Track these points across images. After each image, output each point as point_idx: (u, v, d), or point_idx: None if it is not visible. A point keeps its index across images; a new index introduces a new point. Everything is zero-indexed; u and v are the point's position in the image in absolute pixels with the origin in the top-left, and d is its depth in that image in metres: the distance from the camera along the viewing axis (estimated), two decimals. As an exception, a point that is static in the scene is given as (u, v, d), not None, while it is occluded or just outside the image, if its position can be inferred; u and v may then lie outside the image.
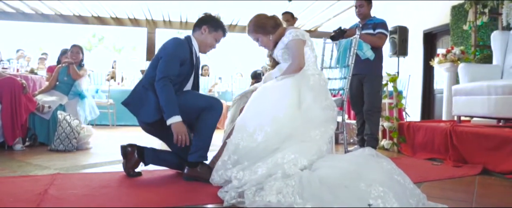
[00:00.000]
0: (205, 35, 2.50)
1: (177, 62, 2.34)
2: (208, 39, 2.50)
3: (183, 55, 2.39)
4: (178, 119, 2.24)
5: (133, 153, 2.40)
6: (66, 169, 2.67)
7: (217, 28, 2.52)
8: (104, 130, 5.86)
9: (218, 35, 2.53)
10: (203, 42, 2.50)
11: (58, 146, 3.54)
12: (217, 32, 2.52)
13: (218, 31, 2.52)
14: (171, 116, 2.24)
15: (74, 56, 4.34)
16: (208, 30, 2.49)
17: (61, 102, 4.05)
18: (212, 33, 2.51)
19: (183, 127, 2.26)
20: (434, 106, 7.28)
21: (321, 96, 2.30)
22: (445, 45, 6.96)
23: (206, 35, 2.50)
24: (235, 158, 2.08)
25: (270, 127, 2.10)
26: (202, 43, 2.51)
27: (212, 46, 2.55)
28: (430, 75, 7.39)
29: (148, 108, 2.34)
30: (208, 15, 2.55)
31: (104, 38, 19.92)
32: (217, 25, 2.52)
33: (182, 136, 2.25)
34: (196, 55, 2.51)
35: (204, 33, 2.49)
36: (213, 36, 2.51)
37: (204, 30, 2.49)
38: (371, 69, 3.52)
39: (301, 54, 2.42)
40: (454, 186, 2.46)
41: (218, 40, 2.56)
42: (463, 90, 3.72)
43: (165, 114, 2.25)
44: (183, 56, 2.39)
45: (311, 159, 2.03)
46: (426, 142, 3.62)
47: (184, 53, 2.40)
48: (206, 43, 2.51)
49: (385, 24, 3.60)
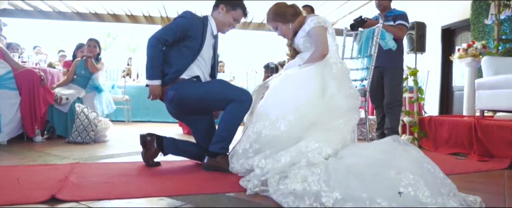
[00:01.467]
0: (222, 14, 2.42)
1: (176, 29, 2.30)
2: (226, 19, 2.43)
3: (187, 26, 2.33)
4: (158, 83, 2.30)
5: (152, 142, 2.37)
6: (85, 159, 2.66)
7: (235, 7, 2.43)
8: (120, 126, 5.87)
9: (237, 14, 2.44)
10: (221, 22, 2.44)
11: (76, 138, 3.54)
12: (236, 11, 2.44)
13: (236, 9, 2.43)
14: (152, 79, 2.29)
15: (91, 50, 4.36)
16: (225, 9, 2.42)
17: (78, 95, 4.06)
18: (230, 12, 2.42)
19: (159, 90, 2.33)
20: (453, 103, 7.13)
21: (345, 84, 2.24)
22: (464, 41, 6.80)
23: (224, 14, 2.42)
24: (257, 147, 2.03)
25: (293, 116, 2.05)
26: (220, 22, 2.44)
27: (231, 25, 2.47)
28: (448, 72, 7.24)
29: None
30: None
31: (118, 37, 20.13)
32: (235, 4, 2.43)
33: (154, 97, 2.36)
34: (213, 34, 2.45)
35: (221, 12, 2.42)
36: (231, 15, 2.43)
37: (222, 9, 2.42)
38: (392, 62, 3.44)
39: (324, 41, 2.36)
40: (482, 179, 2.37)
41: (238, 19, 2.47)
42: (487, 84, 3.61)
43: (147, 75, 2.30)
44: (189, 27, 2.33)
45: (335, 148, 1.97)
46: (449, 136, 3.52)
47: (191, 25, 2.34)
48: (224, 23, 2.44)
49: (406, 16, 3.51)
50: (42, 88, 3.47)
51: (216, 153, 2.24)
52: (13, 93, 3.33)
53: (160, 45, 2.29)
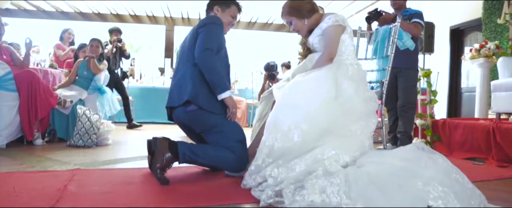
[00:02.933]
0: (220, 15, 2.33)
1: (218, 36, 2.18)
2: (225, 19, 2.32)
3: (222, 35, 2.24)
4: (229, 94, 2.14)
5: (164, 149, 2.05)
6: (86, 164, 2.54)
7: (229, 4, 2.36)
8: (123, 127, 5.76)
9: (232, 11, 2.37)
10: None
11: (77, 141, 3.43)
12: (231, 8, 2.36)
13: (231, 6, 2.36)
14: (224, 91, 2.12)
15: (93, 50, 4.25)
16: (220, 9, 2.34)
17: (80, 97, 3.96)
18: (226, 10, 2.35)
19: (234, 101, 2.18)
20: (461, 105, 6.99)
21: (362, 87, 2.10)
22: (473, 41, 6.66)
23: (221, 14, 2.33)
24: (270, 161, 1.88)
25: (305, 124, 1.89)
26: None
27: (231, 24, 2.39)
28: (457, 73, 7.11)
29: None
30: None
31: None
32: (228, 2, 2.36)
33: (234, 111, 2.16)
34: None
35: (218, 14, 2.34)
36: (227, 14, 2.35)
37: (217, 10, 2.34)
38: (407, 62, 3.30)
39: (335, 42, 2.21)
40: (506, 187, 2.23)
41: (235, 16, 2.39)
42: (504, 86, 3.47)
43: (218, 89, 2.11)
44: (222, 38, 2.23)
45: (353, 155, 1.84)
46: (465, 140, 3.37)
47: (222, 33, 2.24)
48: (225, 23, 2.32)
49: (422, 14, 3.37)
50: (45, 91, 3.35)
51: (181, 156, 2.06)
52: (13, 95, 3.22)
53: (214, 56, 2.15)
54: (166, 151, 2.04)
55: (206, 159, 2.10)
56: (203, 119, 2.14)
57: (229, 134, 2.13)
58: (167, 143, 2.07)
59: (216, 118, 2.14)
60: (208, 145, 2.16)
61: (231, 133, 2.14)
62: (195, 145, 2.17)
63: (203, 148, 2.14)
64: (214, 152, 2.11)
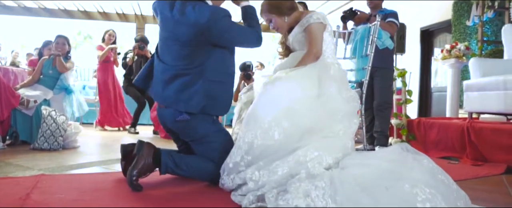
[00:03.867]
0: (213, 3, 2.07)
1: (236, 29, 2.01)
2: (217, 2, 2.10)
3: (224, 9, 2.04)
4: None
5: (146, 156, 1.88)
6: (52, 169, 2.36)
7: None
8: (91, 129, 5.52)
9: (218, 2, 2.13)
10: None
11: (42, 144, 3.22)
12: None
13: None
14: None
15: (59, 47, 4.02)
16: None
17: (45, 97, 3.73)
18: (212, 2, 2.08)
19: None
20: (431, 105, 7.16)
21: (343, 87, 2.05)
22: (442, 42, 6.83)
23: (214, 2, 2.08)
24: (249, 158, 1.80)
25: (287, 122, 1.82)
26: None
27: None
28: (427, 73, 7.27)
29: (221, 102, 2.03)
30: None
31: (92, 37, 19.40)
32: None
33: None
34: None
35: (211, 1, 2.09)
36: (219, 2, 2.13)
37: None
38: (383, 62, 3.30)
39: (320, 41, 2.15)
40: (484, 186, 2.25)
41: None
42: (476, 86, 3.53)
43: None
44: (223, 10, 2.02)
45: (336, 157, 1.78)
46: (439, 139, 3.42)
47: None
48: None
49: (396, 14, 3.38)
50: (4, 90, 3.13)
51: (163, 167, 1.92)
52: (-30, 95, 2.99)
53: None
54: (149, 158, 1.88)
55: (187, 172, 1.95)
56: (194, 129, 1.98)
57: (218, 145, 1.98)
58: (153, 151, 1.91)
59: (207, 128, 1.99)
60: (192, 157, 2.00)
61: (221, 145, 1.99)
62: (179, 156, 1.97)
63: (187, 160, 1.96)
64: (198, 164, 1.96)
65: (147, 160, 1.86)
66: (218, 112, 2.07)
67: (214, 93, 1.99)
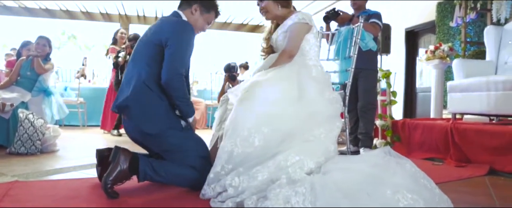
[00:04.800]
0: (196, 16, 2.08)
1: (191, 49, 1.97)
2: (199, 21, 2.09)
3: (193, 44, 2.01)
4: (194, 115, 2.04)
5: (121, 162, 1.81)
6: (27, 175, 2.28)
7: (210, 9, 2.12)
8: (73, 131, 5.40)
9: (210, 17, 2.13)
10: (193, 25, 2.04)
11: (19, 148, 3.11)
12: (210, 14, 2.12)
13: (210, 12, 2.12)
14: (192, 116, 2.00)
15: (40, 48, 3.91)
16: (199, 11, 2.08)
17: (23, 99, 3.62)
18: (204, 14, 2.09)
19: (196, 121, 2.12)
20: (416, 105, 7.21)
21: (326, 88, 2.02)
22: (427, 43, 6.89)
23: (198, 16, 2.08)
24: (230, 167, 1.74)
25: (267, 127, 1.78)
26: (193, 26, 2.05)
27: (203, 29, 2.16)
28: (412, 73, 7.32)
29: (156, 116, 1.89)
30: None
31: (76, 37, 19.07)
32: (210, 5, 2.11)
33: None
34: None
35: (195, 14, 2.08)
36: (205, 18, 2.11)
37: (195, 10, 2.08)
38: (367, 63, 3.29)
39: (297, 40, 2.11)
40: (467, 188, 2.24)
41: (210, 22, 2.17)
42: (459, 87, 3.55)
43: (187, 114, 1.97)
44: (193, 46, 2.02)
45: (318, 161, 1.75)
46: (424, 140, 3.42)
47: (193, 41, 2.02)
48: (197, 26, 2.08)
49: (380, 15, 3.37)
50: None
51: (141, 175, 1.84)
52: None
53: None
54: (124, 165, 1.80)
55: (167, 179, 1.87)
56: (162, 140, 1.90)
57: (191, 151, 1.91)
58: (130, 157, 1.82)
59: (175, 137, 1.91)
60: (170, 163, 1.91)
61: (193, 150, 1.92)
62: (158, 162, 1.88)
63: (166, 166, 1.88)
64: (177, 170, 1.88)
65: (122, 167, 1.79)
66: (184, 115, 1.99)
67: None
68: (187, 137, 1.95)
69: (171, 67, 1.87)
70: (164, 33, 1.93)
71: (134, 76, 1.92)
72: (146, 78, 1.90)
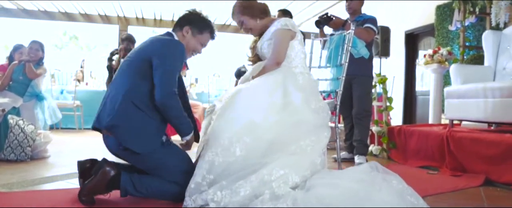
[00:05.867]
0: (188, 38, 2.04)
1: (177, 72, 1.92)
2: (190, 43, 2.05)
3: (182, 64, 1.98)
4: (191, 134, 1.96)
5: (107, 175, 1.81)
6: (11, 185, 2.24)
7: (203, 30, 2.07)
8: (69, 135, 5.37)
9: (204, 38, 2.08)
10: (186, 47, 2.02)
11: (8, 155, 3.08)
12: (203, 35, 2.08)
13: (203, 33, 2.07)
14: (188, 133, 1.94)
15: (33, 53, 3.87)
16: (191, 32, 2.05)
17: (14, 104, 3.59)
18: (197, 36, 2.06)
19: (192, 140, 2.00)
20: (416, 108, 7.15)
21: (313, 97, 1.97)
22: (427, 46, 6.83)
23: (189, 38, 2.04)
24: (211, 177, 1.71)
25: (249, 137, 1.74)
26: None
27: (196, 51, 2.11)
28: (411, 76, 7.26)
29: (146, 135, 1.84)
30: (192, 13, 2.10)
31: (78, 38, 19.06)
32: (203, 26, 2.07)
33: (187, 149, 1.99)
34: None
35: (186, 36, 2.04)
36: (197, 40, 2.06)
37: (187, 31, 2.04)
38: (361, 69, 3.24)
39: (283, 46, 2.08)
40: (461, 200, 2.18)
41: (204, 44, 2.12)
42: (456, 93, 3.49)
43: (184, 133, 1.93)
44: (181, 66, 1.98)
45: (303, 175, 1.70)
46: (419, 148, 3.36)
47: (182, 62, 1.98)
48: (189, 48, 2.05)
49: (375, 20, 3.31)
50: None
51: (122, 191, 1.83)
52: None
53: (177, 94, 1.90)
54: (104, 180, 1.81)
55: (149, 195, 1.85)
56: (145, 158, 1.84)
57: (173, 167, 1.87)
58: (112, 174, 1.81)
59: (159, 153, 1.86)
60: (154, 179, 1.86)
61: (176, 166, 1.88)
62: (139, 178, 1.85)
63: (148, 182, 1.85)
64: (159, 186, 1.85)
65: (102, 183, 1.79)
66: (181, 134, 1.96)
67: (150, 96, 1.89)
68: (170, 153, 1.91)
69: (164, 87, 1.82)
70: (155, 50, 1.89)
71: (120, 93, 1.85)
72: (133, 96, 1.84)
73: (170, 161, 1.88)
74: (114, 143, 1.84)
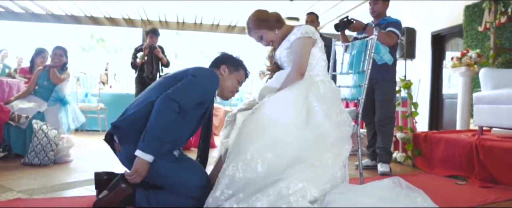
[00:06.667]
0: (225, 76, 2.03)
1: (200, 95, 1.86)
2: (228, 81, 2.04)
3: (211, 93, 1.96)
4: (150, 159, 1.70)
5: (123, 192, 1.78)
6: (31, 192, 2.26)
7: (238, 67, 2.08)
8: (93, 137, 5.47)
9: (240, 75, 2.08)
10: (223, 86, 2.02)
11: (32, 159, 3.14)
12: (239, 72, 2.08)
13: (239, 70, 2.08)
14: (148, 152, 1.69)
15: (56, 59, 3.93)
16: (228, 70, 2.04)
17: (39, 109, 3.65)
18: (233, 73, 2.06)
19: (147, 169, 1.72)
20: (443, 112, 6.91)
21: (334, 108, 1.90)
22: (454, 47, 6.59)
23: (227, 76, 2.04)
24: (230, 193, 1.66)
25: (271, 152, 1.68)
26: (223, 87, 2.03)
27: (235, 90, 2.09)
28: (438, 79, 7.02)
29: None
30: (225, 54, 2.12)
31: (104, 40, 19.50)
32: (237, 64, 2.08)
33: (137, 178, 1.73)
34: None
35: (224, 74, 2.03)
36: (235, 77, 2.06)
37: (224, 70, 2.04)
38: (384, 74, 3.12)
39: (305, 55, 2.01)
40: (491, 215, 2.06)
41: (241, 81, 2.11)
42: (487, 98, 3.33)
43: (144, 143, 1.68)
44: (210, 95, 1.96)
45: (323, 189, 1.63)
46: (447, 156, 3.22)
47: (213, 91, 1.96)
48: (228, 87, 2.03)
49: (399, 23, 3.18)
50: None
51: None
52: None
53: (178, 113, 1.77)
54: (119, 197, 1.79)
55: None
56: (156, 173, 1.79)
57: (187, 182, 1.82)
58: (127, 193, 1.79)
59: (168, 168, 1.82)
60: (168, 194, 1.84)
61: (190, 181, 1.83)
62: (155, 194, 1.85)
63: (163, 199, 1.83)
64: (175, 202, 1.82)
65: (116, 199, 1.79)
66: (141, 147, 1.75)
67: None
68: (184, 168, 1.87)
69: (173, 91, 1.78)
70: (189, 70, 1.91)
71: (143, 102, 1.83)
72: None
73: (184, 176, 1.83)
74: (125, 159, 1.81)
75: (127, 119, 1.82)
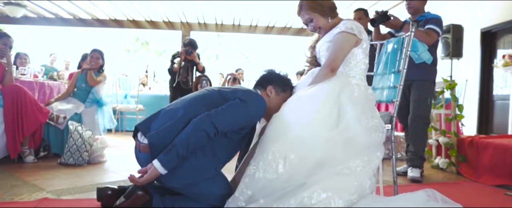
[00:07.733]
0: (272, 98, 1.93)
1: (243, 122, 1.79)
2: (274, 102, 1.91)
3: (255, 120, 1.89)
4: (164, 172, 1.66)
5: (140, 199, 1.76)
6: (60, 192, 2.30)
7: (285, 88, 1.98)
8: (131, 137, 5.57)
9: (287, 96, 1.95)
10: (269, 107, 1.87)
11: (68, 159, 3.23)
12: (286, 93, 1.97)
13: (287, 91, 1.98)
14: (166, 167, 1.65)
15: (93, 61, 4.05)
16: (275, 92, 1.95)
17: (76, 110, 3.77)
18: (280, 94, 1.95)
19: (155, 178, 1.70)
20: (493, 114, 6.43)
21: (367, 113, 1.75)
22: (507, 45, 6.12)
23: (274, 97, 1.94)
24: (249, 193, 1.58)
25: (294, 153, 1.58)
26: (268, 108, 1.88)
27: None
28: (488, 79, 6.54)
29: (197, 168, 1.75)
30: (271, 73, 2.02)
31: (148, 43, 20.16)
32: (285, 84, 1.98)
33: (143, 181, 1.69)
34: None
35: (270, 95, 1.94)
36: (282, 98, 1.93)
37: (270, 91, 1.95)
38: (421, 73, 2.90)
39: (342, 53, 1.87)
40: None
41: None
42: (542, 100, 3.01)
43: (166, 157, 1.64)
44: (254, 122, 1.90)
45: (349, 200, 1.51)
46: (496, 163, 2.94)
47: (258, 119, 1.90)
48: (273, 109, 1.86)
49: (439, 20, 2.95)
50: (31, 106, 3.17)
51: None
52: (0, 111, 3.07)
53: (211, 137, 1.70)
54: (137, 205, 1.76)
55: None
56: (175, 175, 1.72)
57: (207, 189, 1.75)
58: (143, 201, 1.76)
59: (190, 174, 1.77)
60: (185, 201, 1.79)
61: (210, 188, 1.75)
62: (171, 201, 1.81)
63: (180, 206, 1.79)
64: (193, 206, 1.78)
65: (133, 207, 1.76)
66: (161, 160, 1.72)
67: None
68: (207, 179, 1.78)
69: (214, 113, 1.70)
70: (237, 92, 1.82)
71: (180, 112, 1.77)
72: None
73: (206, 187, 1.76)
74: (146, 163, 1.75)
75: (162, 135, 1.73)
